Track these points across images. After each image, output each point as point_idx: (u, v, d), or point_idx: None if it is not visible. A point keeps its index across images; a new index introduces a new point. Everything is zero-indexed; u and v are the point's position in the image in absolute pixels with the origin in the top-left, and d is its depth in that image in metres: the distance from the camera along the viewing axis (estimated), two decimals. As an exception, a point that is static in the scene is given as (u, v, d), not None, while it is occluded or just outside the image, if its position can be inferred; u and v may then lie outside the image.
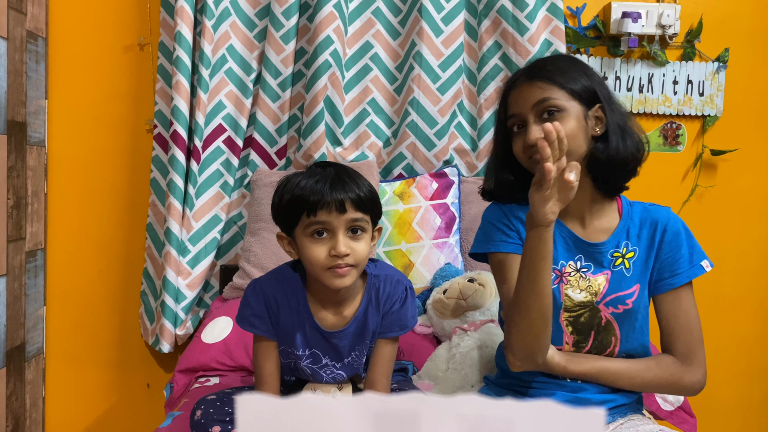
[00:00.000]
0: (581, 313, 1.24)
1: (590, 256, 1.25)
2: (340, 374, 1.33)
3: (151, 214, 2.18)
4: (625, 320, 1.24)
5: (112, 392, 2.27)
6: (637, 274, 1.25)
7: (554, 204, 1.10)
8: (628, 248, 1.25)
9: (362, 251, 1.21)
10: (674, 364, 1.24)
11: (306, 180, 1.21)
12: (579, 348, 1.26)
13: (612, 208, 1.28)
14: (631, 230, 1.26)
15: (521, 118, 1.21)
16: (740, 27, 2.28)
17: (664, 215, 1.26)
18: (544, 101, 1.19)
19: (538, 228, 1.12)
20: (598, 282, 1.25)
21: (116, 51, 2.21)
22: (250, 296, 1.30)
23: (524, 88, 1.22)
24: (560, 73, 1.21)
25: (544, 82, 1.21)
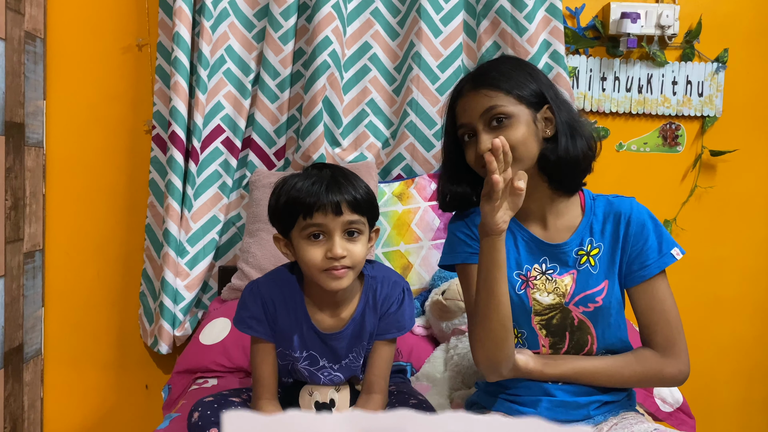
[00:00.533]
0: (552, 315, 1.24)
1: (554, 257, 1.24)
2: (337, 376, 1.33)
3: (150, 215, 2.18)
4: (598, 317, 1.23)
5: (111, 393, 2.27)
6: (604, 270, 1.23)
7: (504, 212, 1.11)
8: (592, 245, 1.24)
9: (359, 253, 1.21)
10: (653, 357, 1.22)
11: (302, 182, 1.21)
12: (556, 349, 1.25)
13: (574, 204, 1.26)
14: (595, 226, 1.25)
15: (471, 128, 1.20)
16: (739, 27, 2.27)
17: (626, 206, 1.24)
18: (491, 109, 1.18)
19: (491, 237, 1.12)
20: (564, 283, 1.24)
21: (114, 52, 2.21)
22: (248, 298, 1.29)
23: (470, 96, 1.21)
24: (506, 79, 1.20)
25: (489, 90, 1.19)
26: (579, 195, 1.28)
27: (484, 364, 1.18)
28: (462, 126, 1.22)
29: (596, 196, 1.28)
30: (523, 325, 1.24)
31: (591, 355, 1.25)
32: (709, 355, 2.30)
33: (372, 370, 1.29)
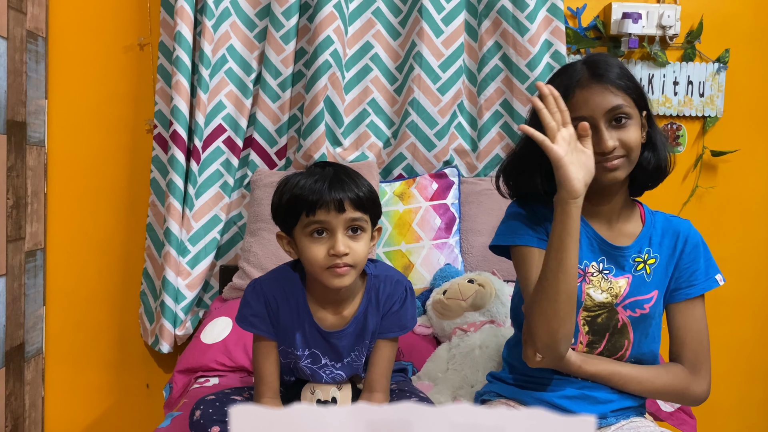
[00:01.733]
0: (599, 313, 1.26)
1: (613, 258, 1.27)
2: (339, 374, 1.33)
3: (151, 214, 2.18)
4: (641, 325, 1.26)
5: (112, 392, 2.27)
6: (656, 280, 1.27)
7: (578, 170, 1.12)
8: (650, 254, 1.28)
9: (361, 251, 1.21)
10: (683, 373, 1.26)
11: (305, 180, 1.21)
12: (592, 349, 1.27)
13: (636, 214, 1.31)
14: (654, 238, 1.29)
15: (591, 123, 1.17)
16: (740, 28, 2.27)
17: (685, 227, 1.30)
18: (618, 108, 1.18)
19: (567, 203, 1.12)
20: (619, 284, 1.26)
21: (116, 51, 2.21)
22: (250, 296, 1.30)
23: (596, 90, 1.19)
24: (627, 79, 1.21)
25: (616, 87, 1.19)
26: (639, 207, 1.32)
27: (544, 343, 1.16)
28: (579, 118, 1.18)
29: (654, 212, 1.32)
30: None
31: (622, 360, 1.27)
32: (709, 355, 2.30)
33: (374, 369, 1.29)
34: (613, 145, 1.18)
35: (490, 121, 2.18)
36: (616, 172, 1.20)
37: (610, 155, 1.19)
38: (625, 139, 1.19)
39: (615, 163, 1.19)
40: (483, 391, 1.39)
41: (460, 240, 2.09)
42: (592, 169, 1.14)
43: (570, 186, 1.11)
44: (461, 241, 2.09)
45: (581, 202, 1.14)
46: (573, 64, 1.25)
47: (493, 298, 1.76)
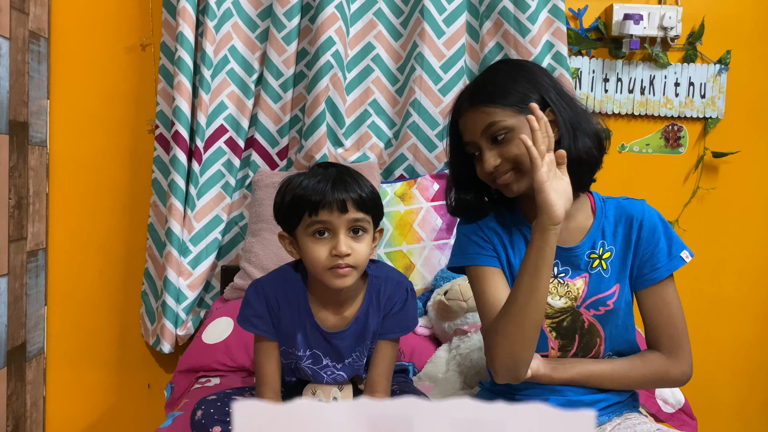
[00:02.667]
0: (563, 318, 1.24)
1: (567, 260, 1.24)
2: (340, 375, 1.33)
3: (153, 214, 2.18)
4: (608, 320, 1.24)
5: (113, 392, 2.27)
6: (615, 273, 1.24)
7: (558, 197, 1.11)
8: (604, 248, 1.24)
9: (363, 252, 1.22)
10: (659, 359, 1.24)
11: (308, 180, 1.22)
12: (565, 351, 1.25)
13: (584, 206, 1.26)
14: (606, 228, 1.25)
15: (475, 145, 1.21)
16: (742, 29, 2.27)
17: (638, 210, 1.24)
18: (491, 126, 1.18)
19: (547, 229, 1.11)
20: (576, 286, 1.24)
21: (118, 51, 2.22)
22: (252, 296, 1.30)
23: (470, 115, 1.21)
24: (502, 92, 1.19)
25: (486, 106, 1.18)
26: (589, 197, 1.27)
27: (505, 364, 1.16)
28: (467, 144, 1.23)
29: (606, 198, 1.28)
30: None
31: (598, 356, 1.26)
32: (710, 356, 2.30)
33: (375, 370, 1.30)
34: (494, 164, 1.18)
35: (491, 122, 2.19)
36: (512, 186, 1.19)
37: (498, 172, 1.19)
38: (507, 154, 1.17)
39: (505, 178, 1.19)
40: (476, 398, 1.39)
41: (461, 241, 2.09)
42: (570, 196, 1.13)
43: (551, 211, 1.10)
44: (462, 242, 2.09)
45: (559, 229, 1.13)
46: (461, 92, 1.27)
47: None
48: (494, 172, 1.19)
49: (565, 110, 1.20)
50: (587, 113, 1.24)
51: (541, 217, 1.12)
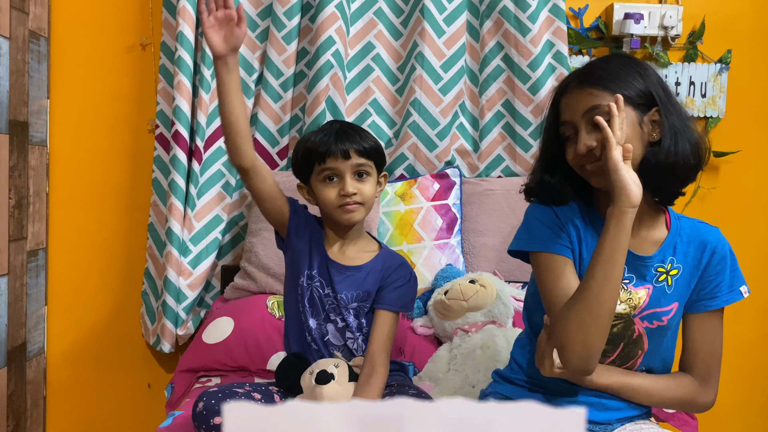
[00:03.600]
0: (616, 323, 1.22)
1: (634, 268, 1.22)
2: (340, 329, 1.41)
3: (153, 214, 2.18)
4: (656, 336, 1.24)
5: (113, 392, 2.27)
6: (678, 292, 1.23)
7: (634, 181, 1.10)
8: (673, 264, 1.23)
9: (368, 191, 1.41)
10: (692, 385, 1.25)
11: (316, 135, 1.42)
12: (604, 357, 1.23)
13: (660, 220, 1.25)
14: (678, 246, 1.23)
15: (572, 126, 1.18)
16: (742, 28, 2.27)
17: (713, 237, 1.24)
18: (594, 109, 1.15)
19: (623, 212, 1.10)
20: (639, 295, 1.23)
21: (118, 51, 2.22)
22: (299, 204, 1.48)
23: (575, 94, 1.18)
24: (612, 78, 1.17)
25: (595, 88, 1.16)
26: (665, 212, 1.26)
27: (578, 355, 1.12)
28: (564, 123, 1.20)
29: (680, 216, 1.28)
30: None
31: (633, 369, 1.26)
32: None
33: (373, 342, 1.38)
34: (588, 146, 1.15)
35: (491, 121, 2.18)
36: (595, 177, 1.17)
37: (586, 157, 1.16)
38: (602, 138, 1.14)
39: (589, 168, 1.17)
40: (488, 391, 1.37)
41: (462, 240, 2.09)
42: (641, 187, 1.12)
43: (629, 191, 1.09)
44: (463, 242, 2.09)
45: (634, 214, 1.11)
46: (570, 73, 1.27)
47: (494, 299, 1.76)
48: (586, 156, 1.16)
49: (670, 112, 1.18)
50: (692, 121, 1.22)
51: (619, 199, 1.10)
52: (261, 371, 1.73)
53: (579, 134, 1.17)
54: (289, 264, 1.49)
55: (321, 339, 1.43)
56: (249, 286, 2.01)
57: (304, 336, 1.43)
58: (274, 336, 1.77)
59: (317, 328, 1.43)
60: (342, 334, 1.43)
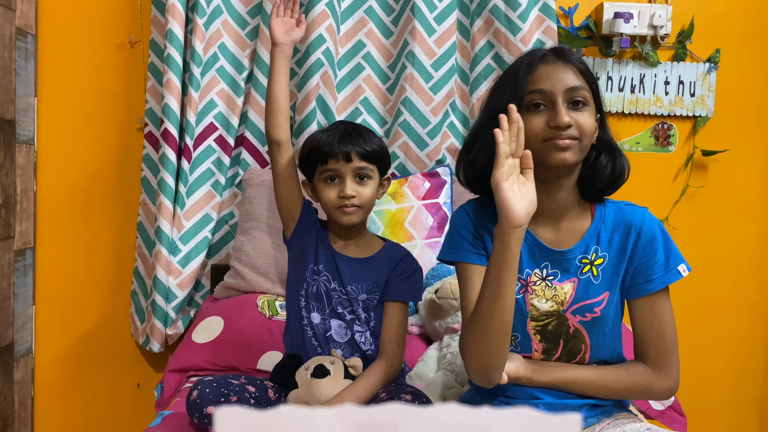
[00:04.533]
0: (548, 321, 1.22)
1: (556, 263, 1.21)
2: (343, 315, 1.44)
3: (142, 212, 2.17)
4: (594, 328, 1.22)
5: (102, 392, 2.25)
6: (606, 281, 1.21)
7: (519, 199, 1.07)
8: (597, 254, 1.21)
9: (367, 194, 1.44)
10: (644, 372, 1.21)
11: (322, 135, 1.46)
12: (549, 355, 1.23)
13: (586, 211, 1.24)
14: (602, 234, 1.22)
15: (549, 97, 1.15)
16: (731, 28, 2.28)
17: (638, 217, 1.21)
18: (578, 89, 1.16)
19: (507, 233, 1.07)
20: (564, 290, 1.21)
21: (107, 49, 2.20)
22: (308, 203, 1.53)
23: (559, 67, 1.17)
24: (587, 69, 1.19)
25: (578, 69, 1.17)
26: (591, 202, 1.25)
27: (475, 369, 1.15)
28: (538, 91, 1.15)
29: (608, 202, 1.25)
30: (517, 329, 1.21)
31: (583, 363, 1.24)
32: (700, 354, 2.31)
33: (385, 332, 1.43)
34: (569, 121, 1.12)
35: (482, 120, 2.19)
36: (565, 153, 1.13)
37: (564, 132, 1.13)
38: (581, 121, 1.14)
39: (567, 142, 1.13)
40: (465, 398, 1.37)
41: (452, 239, 2.09)
42: (535, 202, 1.09)
43: (510, 213, 1.06)
44: (453, 240, 2.09)
45: (521, 234, 1.08)
46: (540, 47, 1.25)
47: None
48: (561, 130, 1.13)
49: (607, 126, 1.23)
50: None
51: (501, 219, 1.08)
52: (251, 371, 1.73)
53: (557, 107, 1.14)
54: (293, 259, 1.51)
55: (323, 335, 1.45)
56: (239, 285, 2.00)
57: (306, 331, 1.45)
58: (264, 335, 1.76)
59: (321, 323, 1.45)
60: (350, 327, 1.45)
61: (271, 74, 1.50)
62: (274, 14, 1.51)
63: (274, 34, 1.49)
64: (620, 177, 1.22)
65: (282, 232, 1.55)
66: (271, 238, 2.01)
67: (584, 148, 1.17)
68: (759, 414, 2.39)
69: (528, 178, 1.09)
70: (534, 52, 1.22)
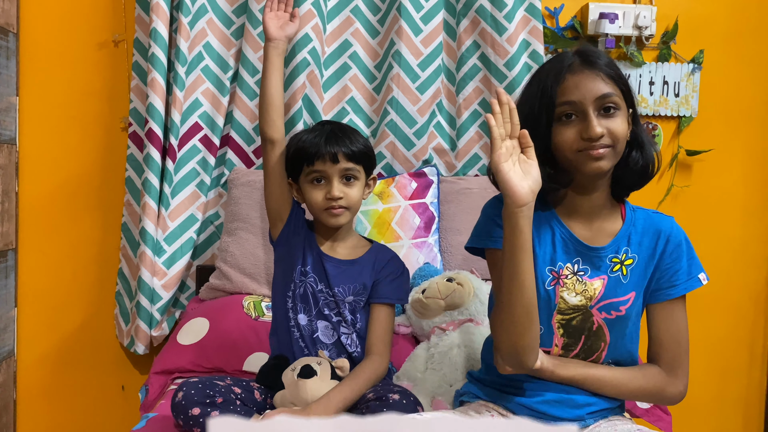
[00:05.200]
0: (574, 316, 1.24)
1: (588, 259, 1.24)
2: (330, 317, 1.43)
3: (126, 213, 2.15)
4: (617, 326, 1.25)
5: (86, 395, 2.23)
6: (633, 281, 1.24)
7: (522, 179, 1.08)
8: (627, 255, 1.25)
9: (354, 195, 1.43)
10: (659, 375, 1.25)
11: (307, 135, 1.44)
12: (568, 351, 1.25)
13: (617, 212, 1.27)
14: (633, 237, 1.25)
15: (579, 108, 1.16)
16: (715, 29, 2.30)
17: (667, 225, 1.26)
18: (608, 96, 1.16)
19: (513, 213, 1.09)
20: (594, 286, 1.24)
21: (90, 47, 2.17)
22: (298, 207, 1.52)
23: (587, 76, 1.17)
24: (616, 71, 1.19)
25: (606, 75, 1.17)
26: (621, 205, 1.28)
27: (506, 352, 1.16)
28: (569, 103, 1.17)
29: (636, 207, 1.29)
30: (542, 320, 1.22)
31: (598, 362, 1.26)
32: (684, 352, 2.33)
33: (371, 334, 1.43)
34: (601, 132, 1.14)
35: (468, 120, 2.19)
36: (600, 162, 1.16)
37: (597, 143, 1.15)
38: (613, 128, 1.16)
39: (601, 152, 1.15)
40: (462, 391, 1.38)
41: (440, 239, 2.09)
42: (539, 178, 1.10)
43: (513, 192, 1.08)
44: (440, 240, 2.09)
45: (529, 212, 1.10)
46: (565, 52, 1.24)
47: (471, 297, 1.76)
48: (593, 141, 1.14)
49: (638, 119, 1.24)
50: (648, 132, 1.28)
51: (505, 200, 1.10)
52: (237, 372, 1.72)
53: (588, 118, 1.15)
54: (280, 260, 1.50)
55: (310, 336, 1.44)
56: (224, 286, 1.99)
57: (292, 332, 1.45)
58: (250, 336, 1.75)
59: (307, 324, 1.45)
60: (336, 329, 1.44)
61: (264, 71, 1.47)
62: (268, 8, 1.48)
63: (267, 29, 1.46)
64: (649, 169, 1.23)
65: (268, 231, 1.53)
66: (257, 239, 1.99)
67: (619, 152, 1.19)
68: (743, 412, 2.41)
69: (529, 156, 1.11)
70: (560, 60, 1.21)
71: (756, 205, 2.36)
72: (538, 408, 1.24)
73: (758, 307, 2.39)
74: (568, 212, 1.23)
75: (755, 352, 2.40)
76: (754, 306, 2.39)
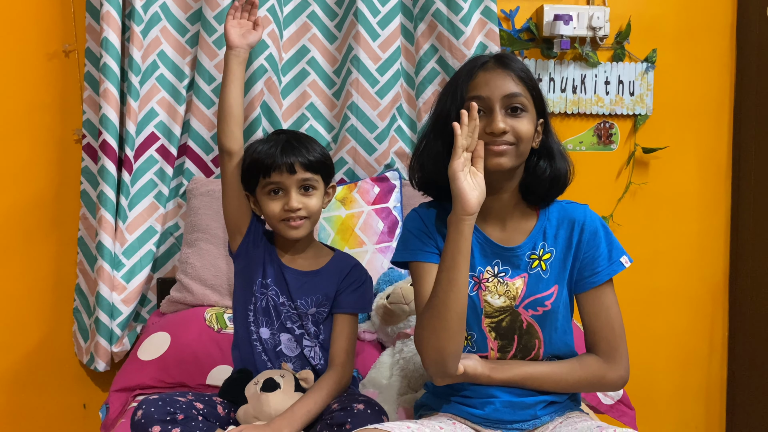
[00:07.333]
0: (502, 318, 1.26)
1: (507, 260, 1.26)
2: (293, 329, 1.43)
3: (82, 227, 2.10)
4: (546, 321, 1.26)
5: (46, 415, 2.17)
6: (554, 275, 1.26)
7: (472, 188, 1.14)
8: (544, 249, 1.27)
9: (313, 205, 1.41)
10: (597, 363, 1.26)
11: (262, 146, 1.41)
12: (504, 352, 1.26)
13: (530, 210, 1.29)
14: (548, 231, 1.27)
15: (487, 104, 1.19)
16: (666, 29, 2.35)
17: (580, 214, 1.27)
18: (515, 96, 1.20)
19: (460, 220, 1.14)
20: (515, 286, 1.26)
21: (39, 58, 2.12)
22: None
23: (498, 74, 1.21)
24: (530, 77, 1.23)
25: (517, 77, 1.21)
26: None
27: (432, 359, 1.17)
28: (477, 98, 1.20)
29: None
30: (473, 327, 1.25)
31: (537, 359, 1.27)
32: (646, 346, 2.37)
33: (335, 344, 1.42)
34: (504, 128, 1.18)
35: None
36: (501, 158, 1.18)
37: (499, 138, 1.18)
38: (517, 127, 1.19)
39: (502, 148, 1.18)
40: (420, 402, 1.39)
41: (403, 243, 2.08)
42: (484, 191, 1.15)
43: (464, 201, 1.13)
44: (404, 245, 2.09)
45: (472, 221, 1.15)
46: (484, 54, 1.29)
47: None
48: (496, 136, 1.18)
49: (551, 130, 1.27)
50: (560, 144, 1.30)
51: (455, 207, 1.14)
52: (200, 386, 1.69)
53: (494, 113, 1.19)
54: (240, 272, 1.47)
55: (273, 349, 1.42)
56: (185, 298, 1.95)
57: (255, 346, 1.43)
58: (212, 350, 1.72)
59: (270, 337, 1.43)
60: (299, 342, 1.43)
61: (224, 80, 1.44)
62: (230, 16, 1.46)
63: (229, 37, 1.44)
64: (559, 181, 1.26)
65: (227, 243, 1.51)
66: (218, 250, 1.97)
67: (522, 153, 1.21)
68: (705, 403, 2.46)
69: (479, 169, 1.16)
70: (476, 59, 1.26)
71: (711, 199, 2.42)
72: (493, 416, 1.25)
73: (717, 299, 2.44)
74: (482, 216, 1.23)
75: (715, 344, 2.45)
76: (713, 298, 2.44)
